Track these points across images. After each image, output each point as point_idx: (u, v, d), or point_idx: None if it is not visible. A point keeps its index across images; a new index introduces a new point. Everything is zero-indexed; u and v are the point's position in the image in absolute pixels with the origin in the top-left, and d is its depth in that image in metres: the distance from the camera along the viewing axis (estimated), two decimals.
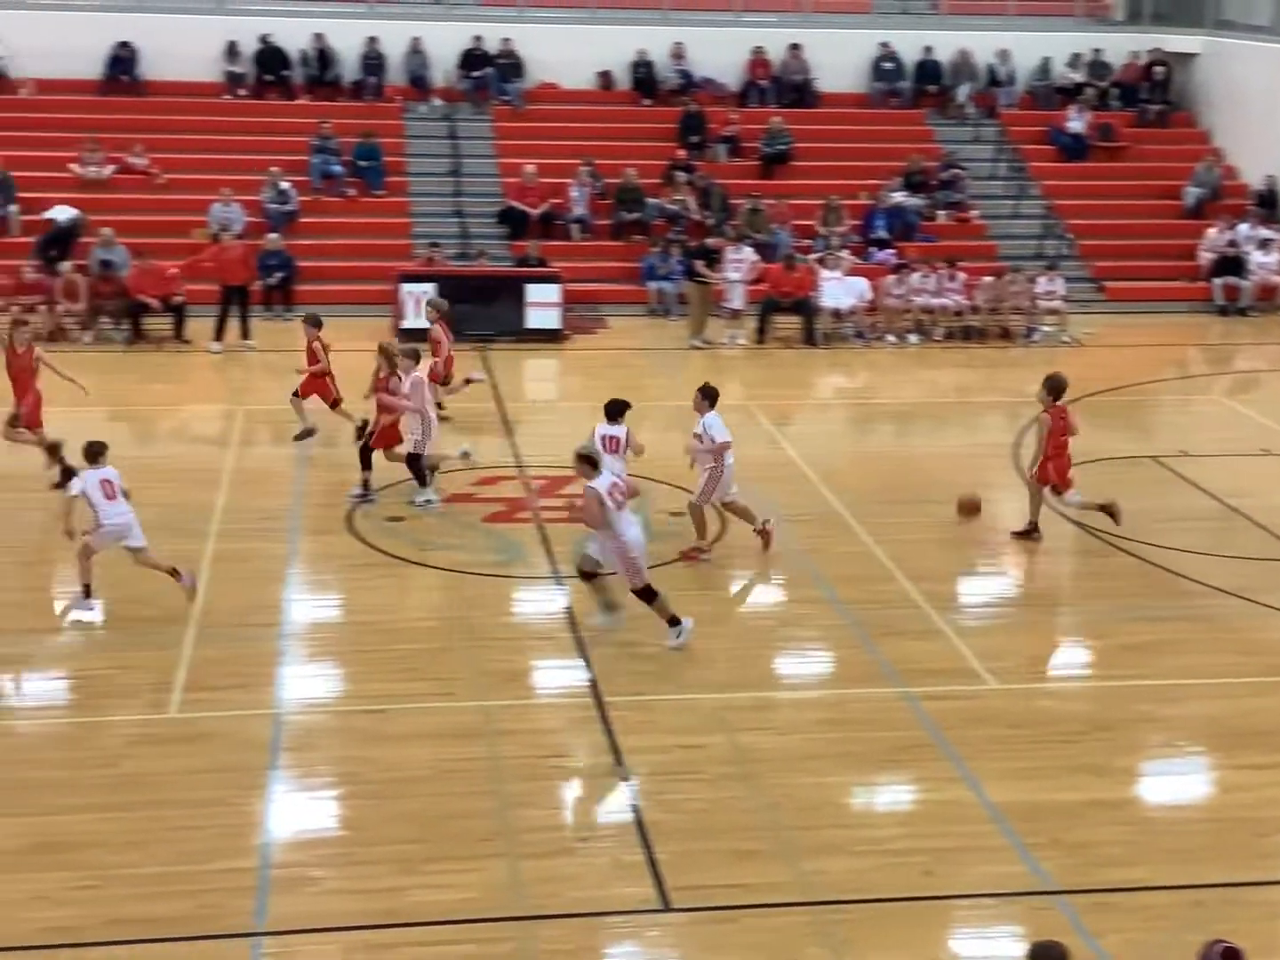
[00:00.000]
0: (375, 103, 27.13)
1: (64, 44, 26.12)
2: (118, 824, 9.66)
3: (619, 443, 13.72)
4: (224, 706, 11.29)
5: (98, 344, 21.49)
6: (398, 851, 9.49)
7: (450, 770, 10.49)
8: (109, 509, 12.46)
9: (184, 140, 25.78)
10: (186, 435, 17.48)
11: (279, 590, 13.48)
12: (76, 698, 11.54)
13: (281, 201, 24.47)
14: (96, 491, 12.43)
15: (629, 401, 13.95)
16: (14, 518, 14.85)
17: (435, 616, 13.04)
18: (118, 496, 12.54)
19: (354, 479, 15.76)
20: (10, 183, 23.89)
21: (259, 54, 27.02)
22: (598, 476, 12.06)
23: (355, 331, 22.43)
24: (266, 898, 9.01)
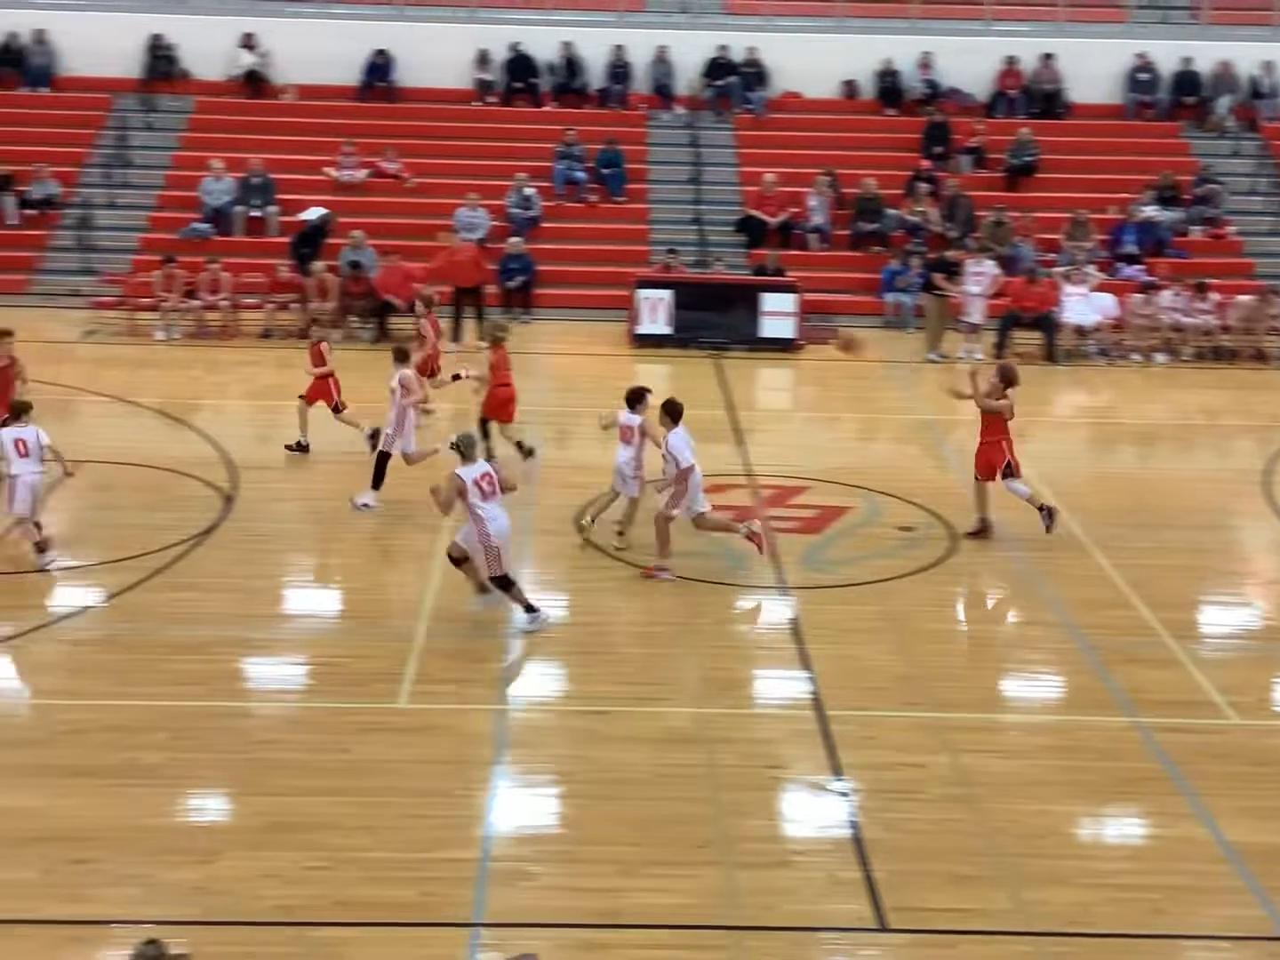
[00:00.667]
0: (619, 110, 27.45)
1: (325, 52, 27.12)
2: (348, 808, 9.94)
3: (632, 432, 13.95)
4: (451, 700, 11.53)
5: (346, 342, 22.19)
6: (615, 853, 9.55)
7: (668, 775, 10.52)
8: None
9: (434, 145, 26.49)
10: (422, 434, 17.86)
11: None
12: (314, 684, 11.91)
13: (525, 207, 24.93)
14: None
15: (649, 388, 14.14)
16: (266, 508, 15.40)
17: (660, 621, 13.10)
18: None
19: (596, 481, 15.95)
20: (270, 185, 24.87)
21: (509, 62, 27.60)
22: (466, 466, 12.24)
23: (592, 336, 22.84)
24: (486, 890, 9.17)
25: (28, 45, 27.19)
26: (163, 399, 18.93)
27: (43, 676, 11.92)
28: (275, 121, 26.72)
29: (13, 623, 12.57)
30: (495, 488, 12.40)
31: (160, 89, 27.08)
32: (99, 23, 27.28)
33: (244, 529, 14.74)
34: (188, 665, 11.86)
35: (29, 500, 13.57)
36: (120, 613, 12.87)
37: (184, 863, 9.28)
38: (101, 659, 12.04)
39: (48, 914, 8.73)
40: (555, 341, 22.66)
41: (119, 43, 27.02)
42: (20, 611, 12.86)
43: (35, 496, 13.64)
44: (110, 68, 27.06)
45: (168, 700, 11.29)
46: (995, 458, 14.69)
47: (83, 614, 12.89)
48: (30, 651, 12.21)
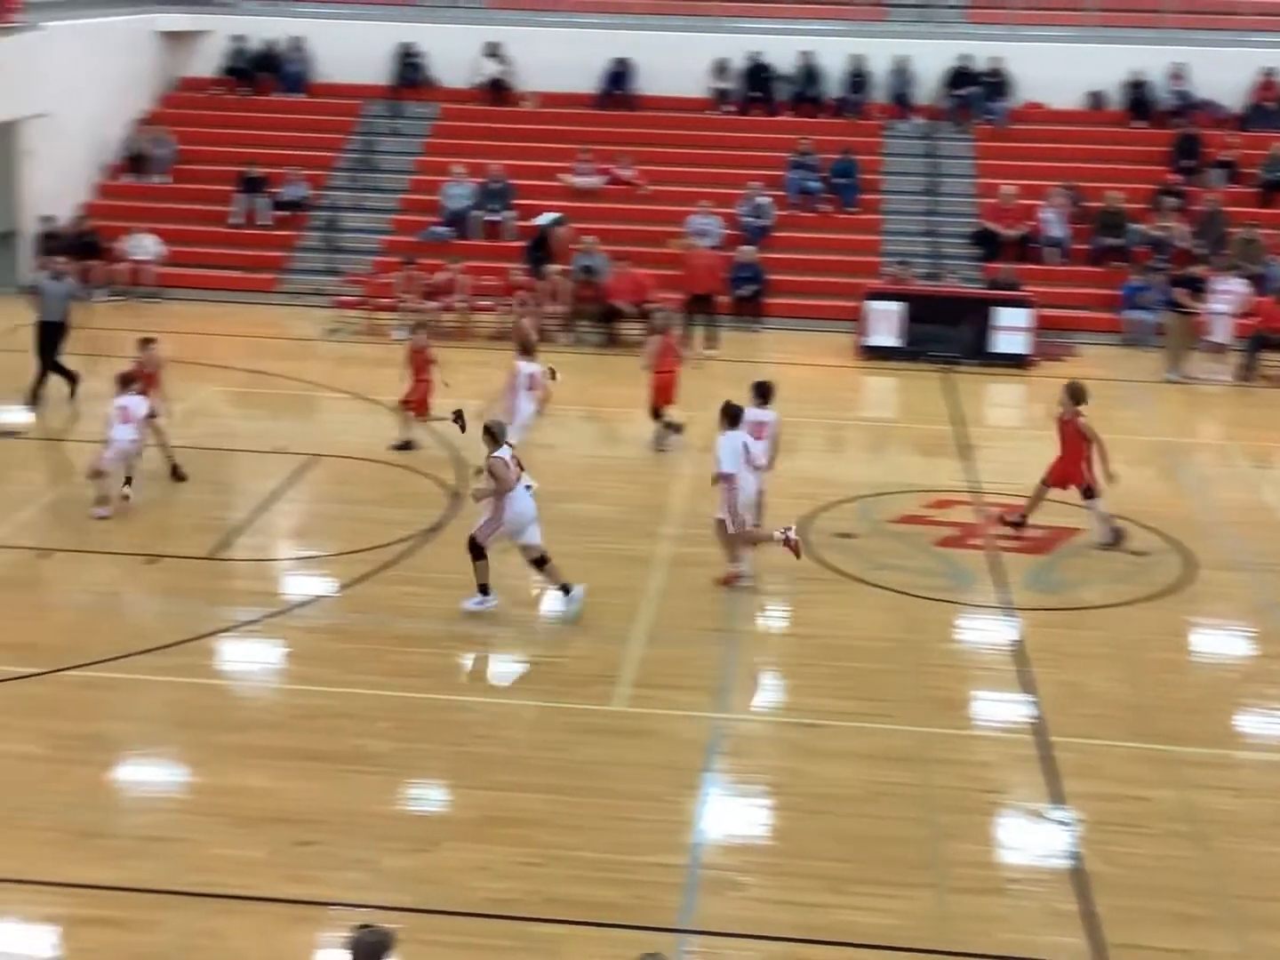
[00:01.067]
0: (856, 120, 27.25)
1: (567, 61, 27.58)
2: (561, 806, 10.07)
3: (765, 428, 14.07)
4: (665, 705, 11.58)
5: (575, 345, 22.51)
6: (825, 868, 9.47)
7: (882, 793, 10.39)
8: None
9: (669, 153, 26.71)
10: (645, 439, 18.03)
11: (726, 597, 13.71)
12: (531, 682, 12.09)
13: (757, 215, 24.93)
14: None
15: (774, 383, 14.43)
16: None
17: (879, 637, 12.95)
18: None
19: (819, 493, 15.91)
20: (508, 190, 25.38)
21: (747, 71, 27.65)
22: (498, 449, 12.53)
23: (820, 347, 22.72)
24: (695, 897, 9.18)
25: (285, 52, 28.28)
26: (398, 397, 19.44)
27: (278, 662, 12.36)
28: (515, 128, 27.25)
29: (253, 608, 13.08)
30: (521, 470, 12.79)
31: (407, 96, 27.88)
32: (353, 31, 28.26)
33: (470, 527, 15.01)
34: (413, 657, 12.17)
35: (115, 461, 14.78)
36: (351, 603, 13.27)
37: (403, 850, 9.51)
38: (333, 647, 12.43)
39: (273, 892, 9.03)
40: (783, 351, 22.59)
41: (371, 51, 27.92)
42: (260, 598, 13.36)
43: (124, 459, 14.86)
44: (361, 75, 27.99)
45: (393, 690, 11.60)
46: (1074, 474, 14.65)
47: (317, 603, 13.33)
48: (267, 637, 12.68)
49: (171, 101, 28.26)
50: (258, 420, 18.60)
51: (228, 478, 16.59)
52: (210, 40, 28.52)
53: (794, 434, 18.51)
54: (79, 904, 8.84)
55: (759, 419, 14.17)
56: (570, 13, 28.46)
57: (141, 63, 27.77)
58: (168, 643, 12.26)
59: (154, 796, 10.21)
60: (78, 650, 12.18)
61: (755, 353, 22.46)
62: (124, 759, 10.70)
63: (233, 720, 11.15)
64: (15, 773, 10.25)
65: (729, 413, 13.60)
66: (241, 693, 11.84)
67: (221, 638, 12.59)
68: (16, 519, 14.92)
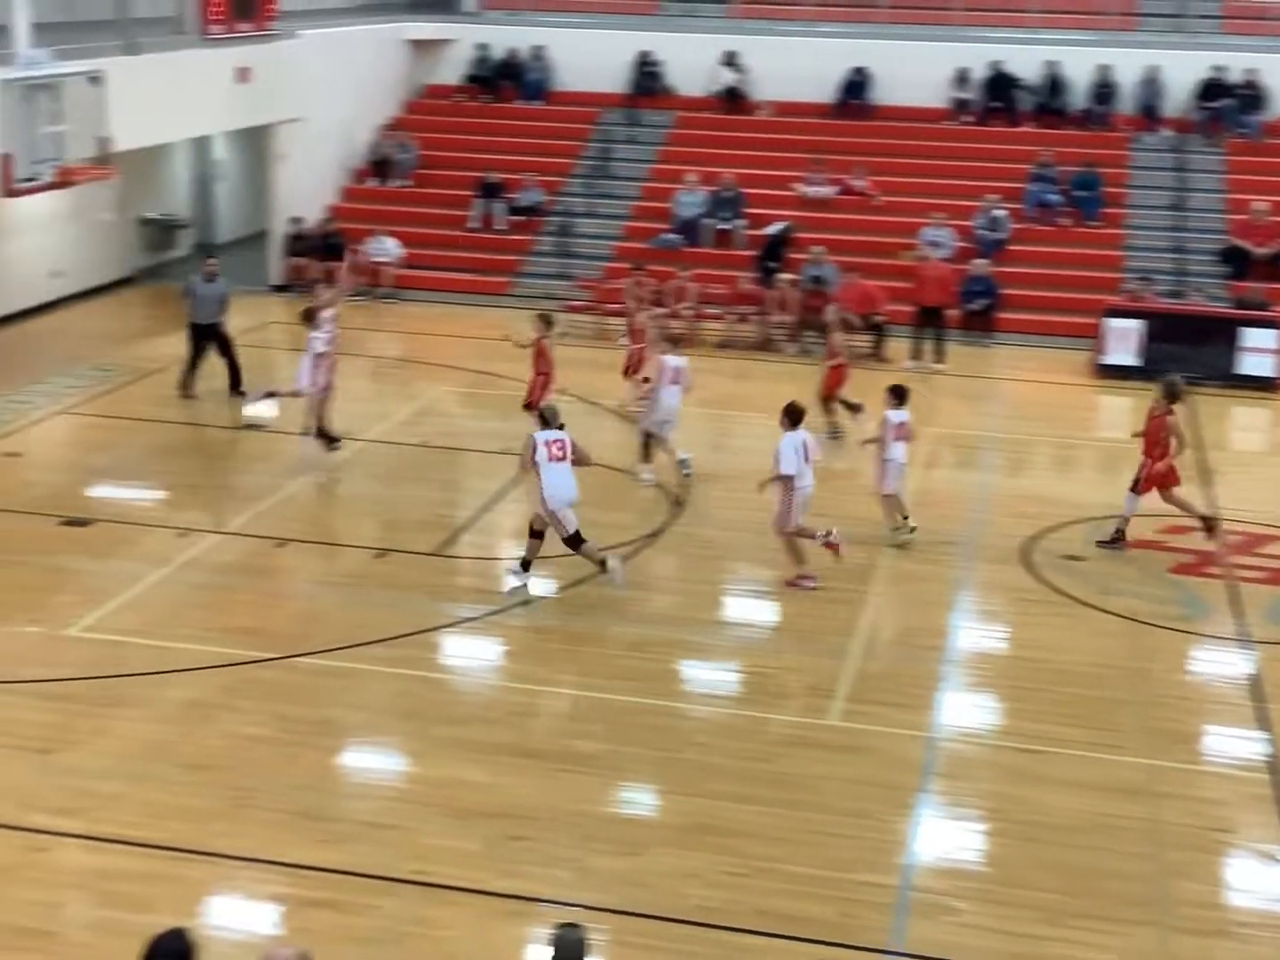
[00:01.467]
0: (1101, 132, 26.53)
1: (804, 70, 27.48)
2: (771, 818, 10.00)
3: (907, 429, 14.64)
4: (880, 721, 11.42)
5: (801, 356, 22.39)
6: (1042, 899, 9.21)
7: (1105, 825, 10.06)
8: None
9: (903, 164, 26.38)
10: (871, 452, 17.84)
11: (947, 615, 13.47)
12: (746, 692, 12.04)
13: (993, 228, 24.46)
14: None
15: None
16: (713, 514, 15.71)
17: (1106, 664, 12.55)
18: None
19: (1047, 512, 15.54)
20: (740, 198, 25.39)
21: (988, 80, 27.15)
22: (543, 430, 13.23)
23: (1053, 364, 22.18)
24: (906, 919, 9.02)
25: (526, 61, 28.80)
26: (623, 402, 19.62)
27: (497, 659, 12.56)
28: (749, 137, 27.25)
29: (474, 606, 13.32)
30: (565, 454, 13.14)
31: (644, 104, 28.13)
32: (593, 40, 28.63)
33: (690, 534, 15.09)
34: (628, 661, 12.24)
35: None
36: (570, 605, 13.41)
37: (612, 852, 9.57)
38: (551, 647, 12.58)
39: (485, 885, 9.16)
40: (1015, 367, 22.14)
41: (610, 59, 28.25)
42: (482, 595, 13.61)
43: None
44: (600, 83, 28.34)
45: (608, 693, 11.68)
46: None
47: (536, 603, 13.50)
48: (488, 634, 12.90)
49: (415, 108, 29.04)
50: (485, 420, 18.94)
51: (455, 476, 16.95)
52: (455, 49, 29.22)
53: (1023, 452, 18.18)
54: (302, 885, 9.11)
55: (900, 420, 14.67)
56: (809, 21, 28.34)
57: (390, 70, 28.61)
58: (393, 635, 12.57)
59: (375, 784, 10.48)
60: (308, 638, 12.58)
61: (985, 368, 22.05)
62: (348, 745, 11.00)
63: (452, 714, 11.37)
64: (246, 753, 10.62)
65: (791, 413, 13.78)
66: (462, 687, 12.07)
67: (444, 632, 12.85)
68: (255, 509, 15.47)
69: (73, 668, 11.81)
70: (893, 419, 14.76)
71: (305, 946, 6.05)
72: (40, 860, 9.30)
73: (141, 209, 25.69)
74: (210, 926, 8.65)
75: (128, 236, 25.31)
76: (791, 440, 13.69)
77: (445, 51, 29.34)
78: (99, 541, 14.43)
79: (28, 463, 16.64)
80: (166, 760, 10.48)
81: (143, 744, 10.70)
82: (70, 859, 9.36)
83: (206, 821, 9.74)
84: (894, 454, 14.74)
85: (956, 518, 15.81)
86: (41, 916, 8.74)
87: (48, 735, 10.76)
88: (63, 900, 8.93)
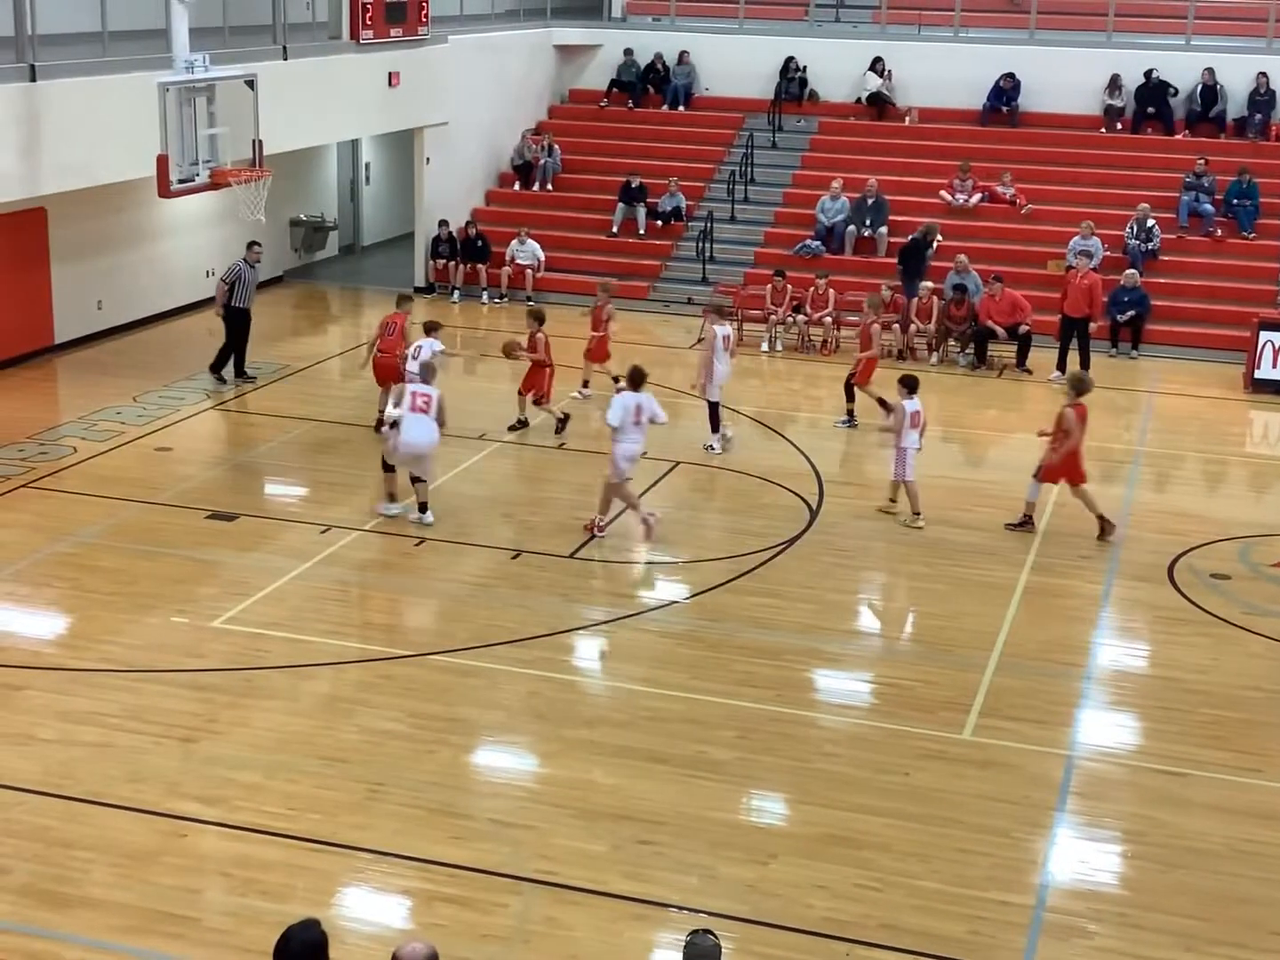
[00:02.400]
0: (1259, 141, 25.85)
1: (952, 76, 27.22)
2: (903, 832, 9.89)
3: (920, 417, 15.41)
4: (1017, 738, 11.24)
5: (942, 365, 22.14)
6: (1180, 924, 8.99)
7: (1248, 851, 9.79)
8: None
9: (1052, 172, 25.98)
10: (1014, 464, 17.59)
11: (1088, 631, 13.22)
12: (879, 703, 11.92)
13: (1145, 238, 23.95)
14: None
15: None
16: (849, 523, 15.60)
17: (1254, 686, 12.21)
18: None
19: (1194, 529, 15.17)
20: (884, 205, 25.17)
21: (1141, 88, 26.59)
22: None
23: (1204, 377, 21.67)
24: (1037, 939, 8.86)
25: (672, 66, 28.85)
26: (760, 409, 19.59)
27: (629, 663, 12.58)
28: (894, 144, 27.03)
29: (607, 609, 13.37)
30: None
31: (789, 110, 28.02)
32: (739, 45, 28.63)
33: (826, 542, 14.99)
34: (760, 668, 12.18)
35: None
36: (703, 610, 13.40)
37: (740, 860, 9.53)
38: (682, 652, 12.58)
39: (612, 888, 9.18)
40: (1164, 380, 21.67)
41: (755, 65, 28.21)
42: (615, 599, 13.66)
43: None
44: (745, 88, 28.30)
45: (739, 700, 11.64)
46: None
47: (669, 608, 13.51)
48: (620, 638, 12.93)
49: (560, 113, 29.26)
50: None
51: (592, 479, 17.01)
52: (601, 54, 29.40)
53: (1169, 467, 17.79)
54: (431, 880, 9.20)
55: (914, 409, 15.37)
56: (959, 28, 28.01)
57: (537, 75, 28.87)
58: (526, 636, 12.66)
59: (505, 782, 10.55)
60: (444, 636, 12.72)
61: (1133, 381, 21.63)
62: (479, 743, 11.10)
63: (582, 716, 11.42)
64: (379, 748, 10.77)
65: (631, 376, 14.89)
66: (592, 690, 12.11)
67: (576, 635, 12.92)
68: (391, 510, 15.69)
69: (216, 659, 12.08)
70: (907, 408, 15.29)
71: (432, 943, 6.10)
72: (182, 846, 9.52)
73: (292, 210, 26.23)
74: (342, 918, 8.79)
75: (279, 237, 25.86)
76: (623, 399, 14.79)
77: (591, 57, 29.52)
78: (244, 536, 14.75)
79: (177, 457, 17.07)
80: (303, 752, 10.67)
81: (280, 736, 10.91)
82: (210, 846, 9.57)
83: (340, 814, 9.90)
84: (909, 442, 15.37)
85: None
86: (182, 902, 8.94)
87: (191, 724, 11.01)
88: (202, 886, 9.12)
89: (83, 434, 17.54)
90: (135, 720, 11.03)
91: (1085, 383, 15.53)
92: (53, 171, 17.15)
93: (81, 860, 9.30)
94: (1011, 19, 28.30)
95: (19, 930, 8.61)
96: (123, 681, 11.65)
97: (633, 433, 14.76)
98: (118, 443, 17.30)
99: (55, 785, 10.14)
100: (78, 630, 12.63)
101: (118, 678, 11.71)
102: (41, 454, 16.84)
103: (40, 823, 9.70)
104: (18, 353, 20.25)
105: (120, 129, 17.38)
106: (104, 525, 14.84)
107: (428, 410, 14.65)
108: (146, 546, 14.33)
